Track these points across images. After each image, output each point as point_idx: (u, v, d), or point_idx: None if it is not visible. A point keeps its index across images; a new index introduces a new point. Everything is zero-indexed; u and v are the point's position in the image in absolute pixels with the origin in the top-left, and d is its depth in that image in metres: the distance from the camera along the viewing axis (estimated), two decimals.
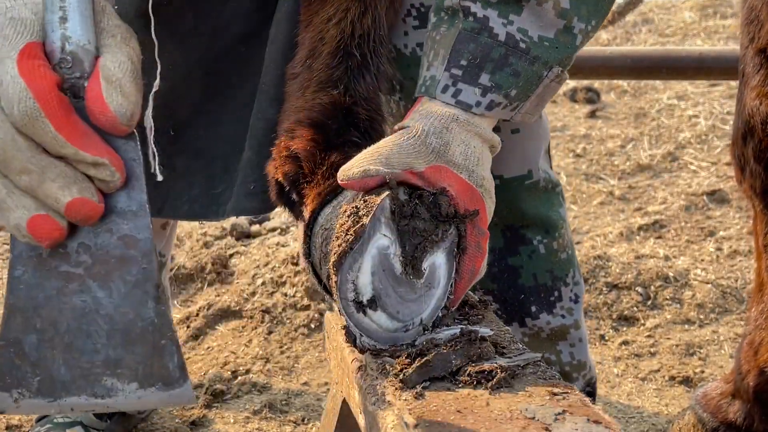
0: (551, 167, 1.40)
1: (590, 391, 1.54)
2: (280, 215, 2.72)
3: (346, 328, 0.84)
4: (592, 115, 3.95)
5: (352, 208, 0.85)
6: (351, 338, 0.83)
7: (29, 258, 0.71)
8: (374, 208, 0.82)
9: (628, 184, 3.17)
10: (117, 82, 0.71)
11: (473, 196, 0.90)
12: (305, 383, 2.04)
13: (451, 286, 0.88)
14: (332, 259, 0.83)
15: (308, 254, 0.96)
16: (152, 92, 1.06)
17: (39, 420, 1.76)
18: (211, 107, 1.37)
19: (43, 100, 0.67)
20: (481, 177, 0.92)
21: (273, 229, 2.72)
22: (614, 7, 2.46)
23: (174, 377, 0.72)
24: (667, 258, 2.55)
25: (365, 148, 0.91)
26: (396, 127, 0.94)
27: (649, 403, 1.91)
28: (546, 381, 0.75)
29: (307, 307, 2.34)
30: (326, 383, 2.01)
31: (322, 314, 2.32)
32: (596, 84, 4.24)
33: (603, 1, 0.97)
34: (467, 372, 0.77)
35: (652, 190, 3.10)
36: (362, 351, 0.83)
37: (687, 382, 1.98)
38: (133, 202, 0.72)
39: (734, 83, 4.04)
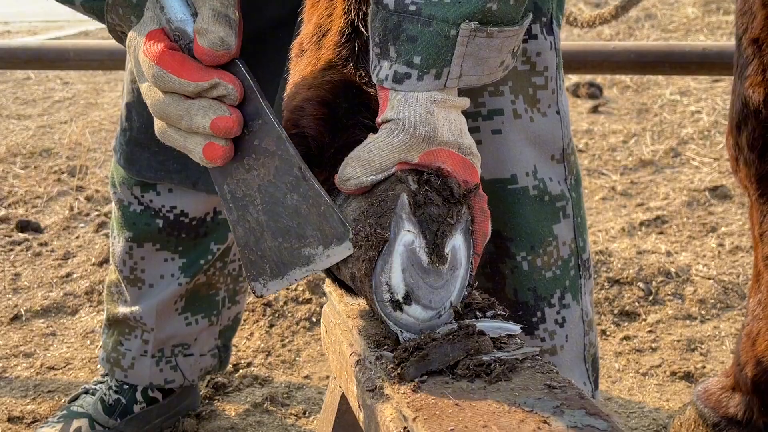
0: (566, 180, 1.31)
1: None
2: None
3: (386, 328, 0.86)
4: (594, 110, 3.95)
5: (368, 208, 0.86)
6: (393, 337, 0.85)
7: (225, 183, 0.92)
8: (394, 207, 0.84)
9: (630, 180, 3.17)
10: (203, 30, 0.89)
11: (465, 166, 0.91)
12: (306, 376, 2.04)
13: (471, 263, 0.89)
14: (362, 268, 0.84)
15: (328, 272, 0.96)
16: None
17: (70, 401, 1.82)
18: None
19: (160, 61, 0.88)
20: (468, 146, 0.92)
21: None
22: (617, 2, 2.45)
23: (341, 231, 0.87)
24: (668, 253, 2.55)
25: (373, 133, 0.91)
26: (379, 119, 0.92)
27: (650, 398, 1.91)
28: (544, 374, 0.75)
29: (308, 301, 2.34)
30: (328, 377, 2.01)
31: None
32: (599, 79, 4.24)
33: None
34: (466, 365, 0.77)
35: (654, 186, 3.10)
36: (406, 350, 0.82)
37: (688, 377, 1.98)
38: (261, 113, 0.90)
39: None
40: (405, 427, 0.70)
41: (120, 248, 1.70)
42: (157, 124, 0.92)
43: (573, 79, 4.23)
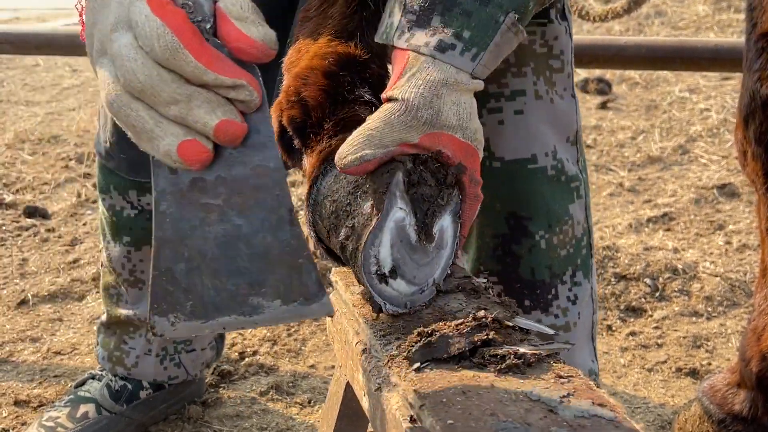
0: (578, 161, 1.34)
1: None
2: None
3: (370, 299, 0.87)
4: (603, 106, 3.94)
5: (364, 184, 0.88)
6: (376, 308, 0.87)
7: (172, 194, 0.75)
8: (389, 184, 0.85)
9: (638, 176, 3.16)
10: (248, 19, 0.76)
11: (467, 151, 0.91)
12: (312, 366, 2.05)
13: (456, 244, 0.92)
14: (363, 239, 0.85)
15: (313, 223, 0.97)
16: None
17: (75, 386, 1.83)
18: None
19: (180, 33, 0.72)
20: (473, 130, 0.92)
21: None
22: None
23: (313, 292, 0.77)
24: (675, 250, 2.55)
25: (374, 110, 0.91)
26: (384, 95, 0.92)
27: (655, 394, 1.91)
28: (552, 365, 0.75)
29: None
30: (333, 366, 2.01)
31: None
32: (608, 75, 4.23)
33: None
34: (481, 354, 0.77)
35: (662, 183, 3.09)
36: (385, 314, 0.88)
37: (693, 374, 1.98)
38: (262, 135, 0.77)
39: None
40: (411, 415, 0.70)
41: (117, 253, 1.69)
42: (116, 92, 0.74)
43: (582, 74, 4.22)
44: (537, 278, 1.31)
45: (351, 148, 0.88)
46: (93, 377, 1.83)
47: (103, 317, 1.79)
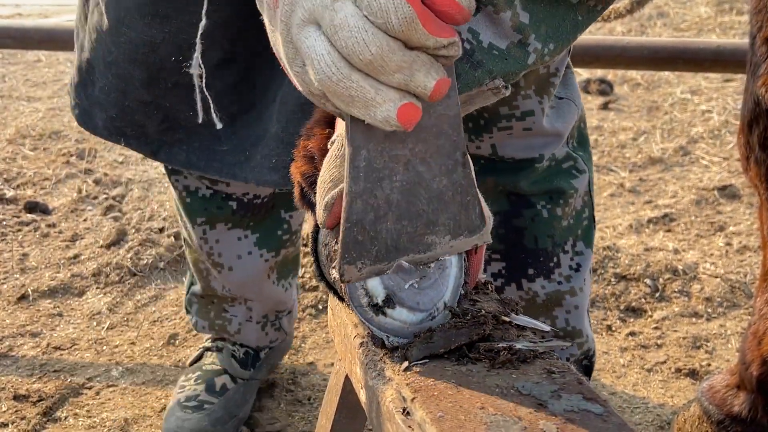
0: (568, 143, 1.42)
1: (587, 365, 1.52)
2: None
3: (371, 334, 0.82)
4: (604, 106, 3.94)
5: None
6: (378, 342, 0.81)
7: (366, 148, 0.79)
8: None
9: (639, 177, 3.16)
10: None
11: None
12: (311, 363, 2.05)
13: (465, 260, 0.85)
14: (334, 273, 0.82)
15: (320, 274, 0.92)
16: (199, 33, 1.05)
17: (192, 363, 1.91)
18: (256, 70, 1.36)
19: (414, 3, 0.72)
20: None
21: None
22: None
23: (476, 225, 0.83)
24: (676, 251, 2.55)
25: None
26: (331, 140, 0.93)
27: (654, 394, 1.91)
28: (544, 360, 0.75)
29: (314, 288, 2.35)
30: (332, 363, 2.01)
31: (327, 295, 2.32)
32: (610, 76, 4.23)
33: (564, 26, 0.91)
34: (477, 350, 0.77)
35: (663, 184, 3.09)
36: (394, 350, 0.81)
37: (693, 374, 1.98)
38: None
39: None
40: (404, 407, 0.70)
41: (194, 234, 1.70)
42: (334, 64, 0.73)
43: (584, 75, 4.22)
44: (540, 246, 1.38)
45: (319, 201, 0.88)
46: (207, 349, 1.90)
47: (196, 288, 1.83)
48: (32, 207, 2.96)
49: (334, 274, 0.82)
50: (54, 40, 2.68)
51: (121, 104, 1.41)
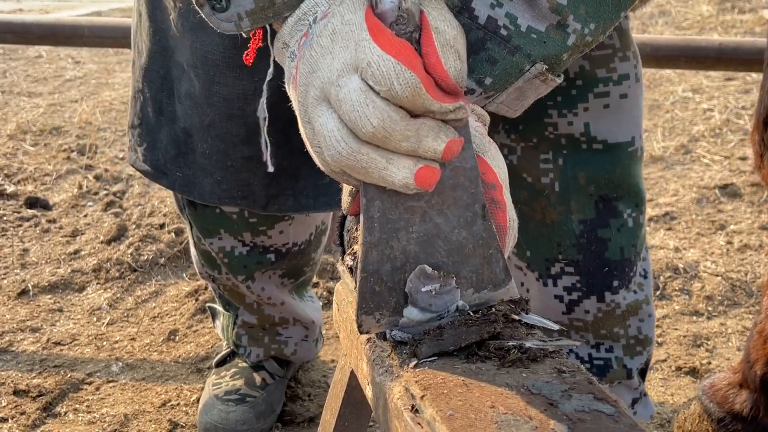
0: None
1: (643, 369, 1.48)
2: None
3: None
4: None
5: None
6: (381, 335, 0.82)
7: (381, 199, 0.79)
8: None
9: None
10: (450, 43, 0.77)
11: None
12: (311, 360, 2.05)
13: None
14: (347, 260, 0.84)
15: (341, 239, 0.95)
16: (266, 81, 1.07)
17: (219, 364, 1.90)
18: None
19: (417, 70, 0.73)
20: (485, 146, 0.89)
21: None
22: None
23: (501, 279, 0.82)
24: (677, 249, 2.55)
25: None
26: None
27: (654, 393, 1.91)
28: (554, 359, 0.75)
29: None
30: (332, 360, 2.01)
31: (330, 292, 2.32)
32: None
33: (606, 5, 0.90)
34: (487, 348, 0.77)
35: (664, 182, 3.09)
36: (401, 346, 0.81)
37: (693, 372, 1.98)
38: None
39: (750, 78, 4.02)
40: (413, 405, 0.70)
41: (239, 283, 1.70)
42: (344, 140, 0.75)
43: None
44: (626, 257, 1.33)
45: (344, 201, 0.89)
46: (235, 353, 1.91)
47: (246, 318, 1.80)
48: (33, 202, 2.96)
49: (348, 261, 0.84)
50: (55, 35, 2.67)
51: (225, 165, 1.41)
